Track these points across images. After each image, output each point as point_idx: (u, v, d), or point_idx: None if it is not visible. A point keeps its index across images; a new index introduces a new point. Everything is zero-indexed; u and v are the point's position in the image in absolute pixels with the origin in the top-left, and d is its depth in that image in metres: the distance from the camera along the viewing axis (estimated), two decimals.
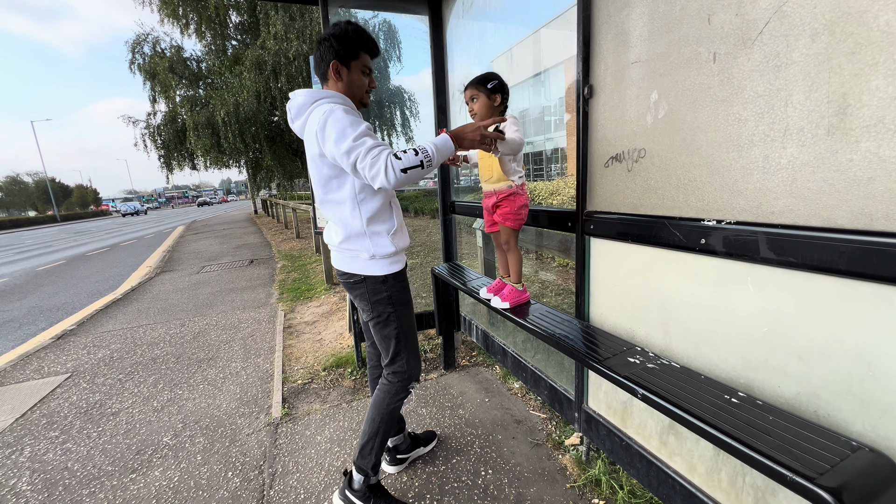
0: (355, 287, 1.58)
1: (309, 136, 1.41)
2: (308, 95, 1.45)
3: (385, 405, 1.63)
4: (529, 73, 15.57)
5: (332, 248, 1.60)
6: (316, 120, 1.36)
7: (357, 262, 1.53)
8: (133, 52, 13.88)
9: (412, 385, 1.66)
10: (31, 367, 3.42)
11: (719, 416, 0.96)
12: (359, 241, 1.50)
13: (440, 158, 1.34)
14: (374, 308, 1.57)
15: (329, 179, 1.44)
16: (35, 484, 1.99)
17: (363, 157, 1.28)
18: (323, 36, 1.48)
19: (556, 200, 5.35)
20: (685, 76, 1.14)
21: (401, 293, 1.60)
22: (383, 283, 1.55)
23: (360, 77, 1.52)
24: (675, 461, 1.35)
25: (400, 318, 1.61)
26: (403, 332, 1.63)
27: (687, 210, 1.19)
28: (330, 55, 1.46)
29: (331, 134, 1.32)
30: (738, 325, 1.09)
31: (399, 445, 1.93)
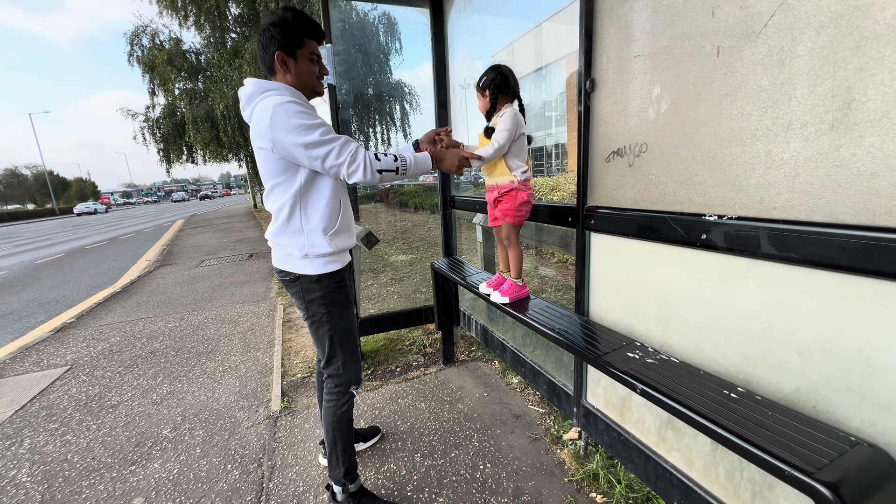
0: (290, 285, 1.53)
1: (258, 129, 1.35)
2: (256, 85, 1.40)
3: (333, 414, 1.59)
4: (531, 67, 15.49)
5: (269, 242, 1.54)
6: (264, 113, 1.31)
7: (290, 260, 1.48)
8: (131, 45, 13.80)
9: (353, 388, 1.62)
10: (30, 360, 3.42)
11: (718, 410, 0.96)
12: (293, 238, 1.45)
13: (415, 171, 1.45)
14: (308, 308, 1.53)
15: (277, 173, 1.40)
16: (35, 475, 1.99)
17: (339, 152, 1.33)
18: (262, 27, 1.40)
19: (557, 196, 5.33)
20: (688, 70, 1.13)
21: (335, 293, 1.54)
22: (317, 282, 1.49)
23: (309, 65, 1.45)
24: (673, 456, 1.36)
25: (333, 319, 1.54)
26: (338, 334, 1.57)
27: (688, 205, 1.18)
28: (273, 46, 1.39)
29: (287, 128, 1.29)
30: (739, 321, 1.09)
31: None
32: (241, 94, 1.44)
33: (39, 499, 1.84)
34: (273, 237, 1.50)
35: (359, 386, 1.65)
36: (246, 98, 1.42)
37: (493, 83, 1.64)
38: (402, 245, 7.45)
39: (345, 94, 2.74)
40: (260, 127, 1.33)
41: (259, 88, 1.39)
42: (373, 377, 2.73)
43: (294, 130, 1.29)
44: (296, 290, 1.53)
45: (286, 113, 1.29)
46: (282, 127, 1.29)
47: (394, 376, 2.73)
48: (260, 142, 1.36)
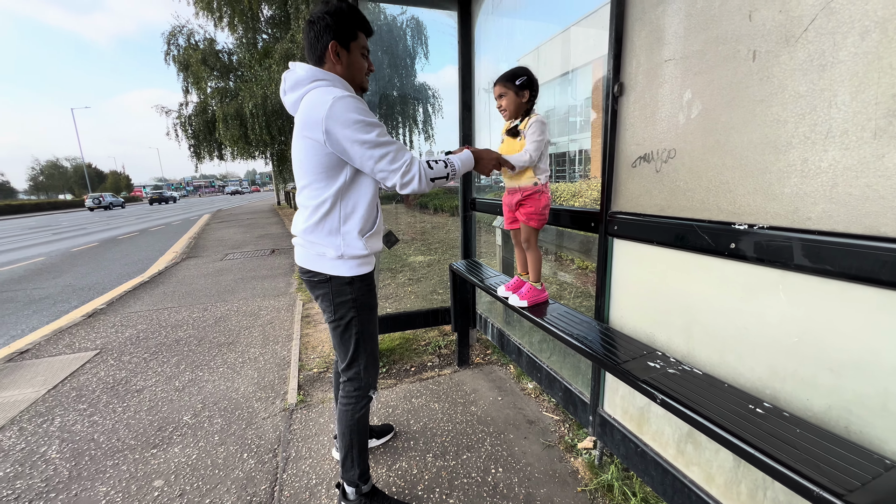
0: (318, 286, 1.48)
1: (310, 118, 1.29)
2: (309, 71, 1.34)
3: (350, 417, 1.56)
4: (557, 72, 15.39)
5: (296, 240, 1.49)
6: (319, 103, 1.27)
7: (323, 261, 1.43)
8: (168, 44, 14.33)
9: (371, 392, 1.60)
10: (63, 343, 3.58)
11: (742, 425, 0.93)
12: (328, 238, 1.41)
13: (461, 172, 1.46)
14: (337, 310, 1.48)
15: (321, 168, 1.34)
16: (63, 453, 2.08)
17: (395, 157, 1.30)
18: (316, 15, 1.35)
19: (579, 202, 5.27)
20: (721, 75, 1.11)
21: (366, 296, 1.51)
22: (349, 284, 1.46)
23: (360, 59, 1.42)
24: (692, 471, 1.32)
25: (362, 322, 1.52)
26: (364, 338, 1.54)
27: (717, 213, 1.15)
28: (327, 35, 1.34)
29: (346, 123, 1.25)
30: (767, 334, 1.05)
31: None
32: (287, 77, 1.37)
33: (67, 475, 1.92)
34: (304, 234, 1.44)
35: (376, 390, 1.64)
36: (294, 82, 1.35)
37: (532, 84, 1.63)
38: (420, 246, 7.49)
39: (371, 96, 2.78)
40: (313, 116, 1.28)
41: (311, 75, 1.34)
42: (387, 375, 2.75)
43: (353, 126, 1.26)
44: (324, 292, 1.47)
45: (346, 107, 1.26)
46: (340, 121, 1.25)
47: (408, 375, 2.74)
48: (310, 132, 1.30)
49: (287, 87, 1.38)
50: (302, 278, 1.54)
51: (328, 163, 1.34)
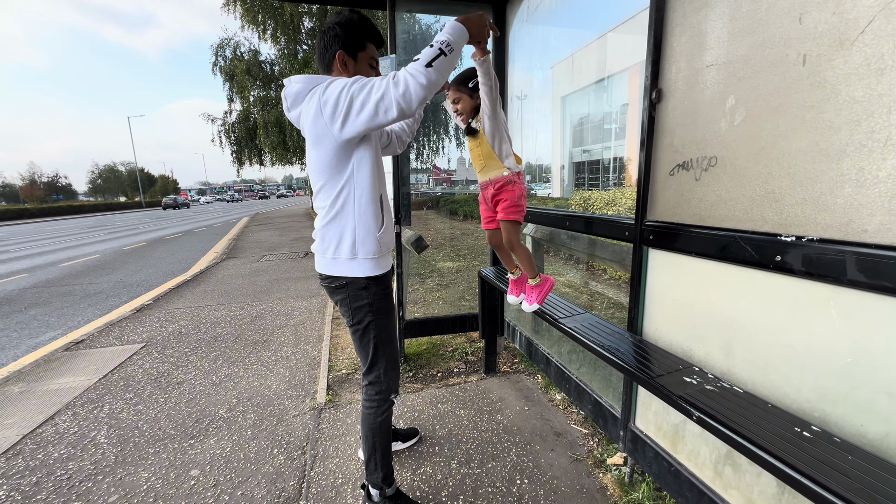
0: (336, 292, 1.50)
1: (310, 118, 1.29)
2: (306, 81, 1.32)
3: (373, 420, 1.58)
4: (592, 78, 15.13)
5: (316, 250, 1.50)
6: (315, 97, 1.27)
7: (337, 263, 1.45)
8: (216, 55, 15.16)
9: (393, 396, 1.61)
10: (113, 335, 3.82)
11: (787, 449, 0.88)
12: (342, 236, 1.42)
13: (458, 41, 1.21)
14: (355, 315, 1.50)
15: (329, 166, 1.35)
16: (111, 438, 2.22)
17: (380, 85, 1.18)
18: (328, 25, 1.39)
19: (612, 211, 5.14)
20: (768, 80, 1.06)
21: (382, 300, 1.52)
22: (365, 288, 1.47)
23: (367, 69, 1.44)
24: (730, 494, 1.25)
25: (379, 326, 1.53)
26: (382, 342, 1.55)
27: (761, 224, 1.10)
28: (336, 45, 1.37)
29: (333, 90, 1.23)
30: (816, 353, 0.99)
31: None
32: (285, 94, 1.36)
33: (113, 459, 2.04)
34: (320, 237, 1.46)
35: (398, 394, 1.65)
36: (294, 96, 1.34)
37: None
38: (449, 252, 7.51)
39: None
40: (312, 110, 1.28)
41: (310, 83, 1.32)
42: (414, 380, 2.77)
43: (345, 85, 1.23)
44: (342, 297, 1.49)
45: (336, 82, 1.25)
46: (333, 90, 1.24)
47: (434, 381, 2.75)
48: (317, 129, 1.29)
49: (288, 104, 1.37)
50: (322, 285, 1.55)
51: (335, 158, 1.34)
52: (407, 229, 2.88)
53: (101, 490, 1.83)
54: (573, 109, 17.22)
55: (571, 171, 18.77)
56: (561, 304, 1.95)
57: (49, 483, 1.88)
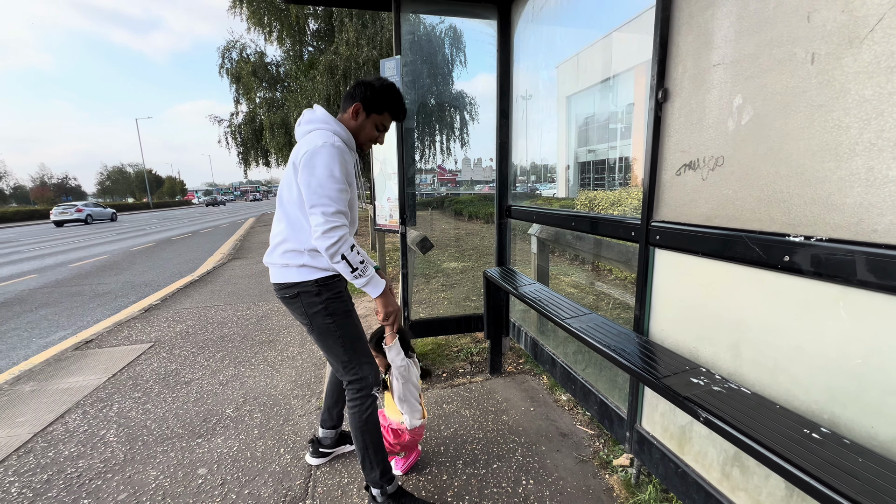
0: (291, 302, 1.57)
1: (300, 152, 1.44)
2: (324, 115, 1.53)
3: (359, 419, 1.60)
4: (597, 78, 15.09)
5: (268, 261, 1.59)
6: (316, 140, 1.43)
7: (289, 270, 1.53)
8: (223, 58, 15.23)
9: (375, 390, 1.63)
10: (122, 335, 3.86)
11: (796, 450, 0.87)
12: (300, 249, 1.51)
13: (366, 283, 1.46)
14: (313, 320, 1.56)
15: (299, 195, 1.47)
16: (120, 437, 2.24)
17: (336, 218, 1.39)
18: (367, 80, 1.59)
19: (618, 211, 5.12)
20: (776, 79, 1.05)
21: (336, 303, 1.58)
22: (317, 295, 1.54)
23: (372, 129, 1.62)
24: (738, 496, 1.24)
25: (340, 326, 1.58)
26: (350, 340, 1.60)
27: (769, 224, 1.09)
28: (359, 96, 1.56)
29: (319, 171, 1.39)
30: (825, 354, 0.98)
31: (324, 439, 1.95)
32: (306, 113, 1.56)
33: (122, 457, 2.06)
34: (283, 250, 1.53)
35: (380, 387, 1.67)
36: (309, 118, 1.54)
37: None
38: (454, 252, 7.51)
39: (410, 104, 2.84)
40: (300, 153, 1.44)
41: (324, 118, 1.53)
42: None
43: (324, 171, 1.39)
44: (296, 306, 1.57)
45: (324, 157, 1.40)
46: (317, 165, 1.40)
47: (439, 381, 2.75)
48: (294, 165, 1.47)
49: (303, 120, 1.55)
50: (278, 297, 1.61)
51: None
52: (412, 230, 2.89)
53: (110, 488, 1.85)
54: (578, 109, 17.17)
55: (577, 171, 18.71)
56: (566, 304, 1.95)
57: (60, 481, 1.91)
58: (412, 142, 3.03)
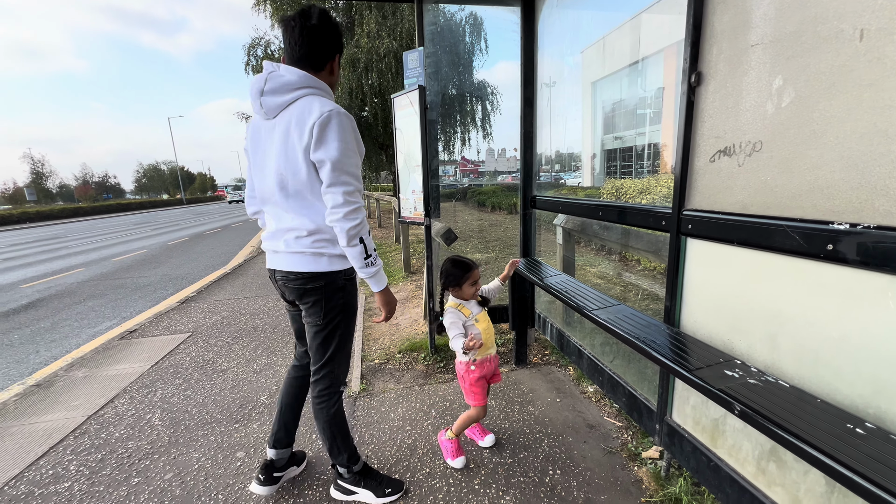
0: (310, 293, 1.47)
1: (296, 123, 1.32)
2: (301, 76, 1.34)
3: (327, 413, 1.60)
4: (624, 62, 14.58)
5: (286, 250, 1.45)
6: (312, 112, 1.30)
7: (321, 259, 1.44)
8: (248, 55, 15.56)
9: (342, 387, 1.64)
10: (162, 325, 4.07)
11: (839, 445, 0.84)
12: (327, 242, 1.43)
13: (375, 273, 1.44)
14: (327, 315, 1.50)
15: (313, 177, 1.37)
16: (164, 421, 2.38)
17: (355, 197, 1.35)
18: (323, 23, 1.36)
19: (646, 200, 4.97)
20: (820, 58, 1.00)
21: (353, 298, 1.55)
22: (341, 289, 1.50)
23: (339, 73, 1.50)
24: (774, 492, 1.21)
25: (347, 325, 1.56)
26: (345, 340, 1.58)
27: (811, 211, 1.04)
28: (335, 48, 1.40)
29: (335, 145, 1.30)
30: (872, 347, 0.94)
31: (279, 460, 1.77)
32: (271, 77, 1.34)
33: (167, 440, 2.19)
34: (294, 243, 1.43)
35: (346, 385, 1.69)
36: (279, 84, 1.33)
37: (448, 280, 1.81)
38: (478, 244, 7.50)
39: (433, 96, 2.84)
40: (309, 122, 1.30)
41: (302, 81, 1.34)
42: (445, 370, 2.81)
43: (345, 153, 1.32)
44: (316, 298, 1.48)
45: (344, 130, 1.32)
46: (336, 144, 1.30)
47: None
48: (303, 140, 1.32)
49: (268, 87, 1.34)
50: (286, 286, 1.50)
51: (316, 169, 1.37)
52: (436, 221, 2.90)
53: (157, 468, 1.97)
54: (604, 95, 16.67)
55: (603, 160, 18.23)
56: (594, 295, 1.93)
57: (112, 460, 2.05)
58: (435, 134, 3.03)
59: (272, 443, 1.77)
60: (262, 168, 1.45)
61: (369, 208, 14.31)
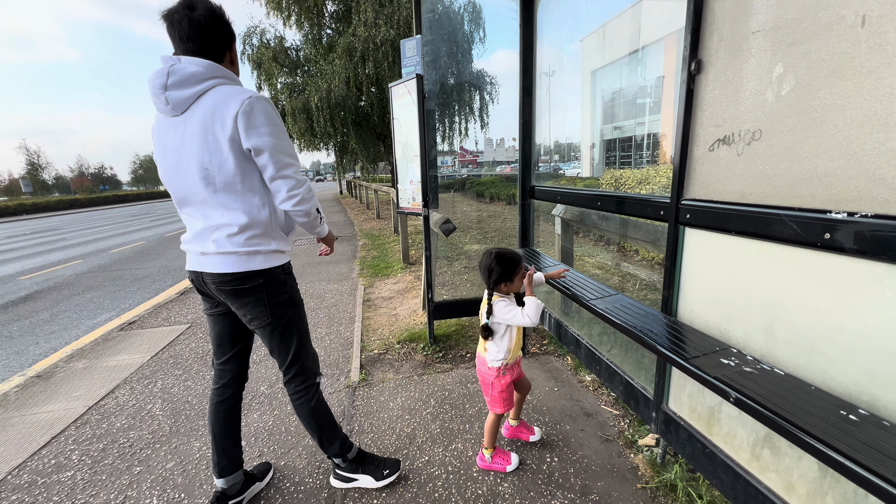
0: (249, 294, 1.40)
1: (214, 115, 1.24)
2: (207, 66, 1.26)
3: (308, 407, 1.59)
4: (624, 50, 14.43)
5: (216, 251, 1.35)
6: (231, 102, 1.24)
7: (256, 258, 1.38)
8: (244, 44, 15.35)
9: (318, 379, 1.63)
10: (161, 317, 4.08)
11: (832, 432, 0.85)
12: (263, 239, 1.39)
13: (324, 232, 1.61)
14: (274, 312, 1.45)
15: (242, 167, 1.30)
16: (165, 411, 2.39)
17: (300, 175, 1.36)
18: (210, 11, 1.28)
19: (646, 190, 4.96)
20: (821, 45, 0.99)
21: (296, 292, 1.53)
22: (283, 284, 1.46)
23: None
24: (768, 477, 1.23)
25: (302, 317, 1.54)
26: (305, 332, 1.56)
27: (809, 200, 1.04)
28: (230, 36, 1.34)
29: (267, 129, 1.27)
30: (866, 335, 0.94)
31: (231, 488, 1.63)
32: (175, 70, 1.24)
33: (168, 430, 2.20)
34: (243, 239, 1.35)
35: (321, 374, 1.67)
36: (184, 76, 1.24)
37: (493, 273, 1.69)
38: (476, 234, 7.49)
39: (431, 84, 2.81)
40: (230, 112, 1.24)
41: (210, 71, 1.27)
42: (444, 360, 2.82)
43: (279, 136, 1.30)
44: (256, 297, 1.41)
45: (269, 114, 1.28)
46: (266, 128, 1.27)
47: (464, 361, 2.80)
48: (225, 131, 1.25)
49: (172, 81, 1.24)
50: (220, 288, 1.40)
51: (248, 160, 1.31)
52: (434, 212, 2.90)
53: (159, 457, 1.99)
54: (604, 84, 16.53)
55: (602, 150, 18.15)
56: (592, 285, 1.93)
57: (114, 449, 2.07)
58: (433, 123, 3.01)
59: (218, 473, 1.61)
60: (177, 167, 1.33)
61: (367, 199, 14.27)
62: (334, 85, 12.72)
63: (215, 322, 1.56)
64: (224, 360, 1.61)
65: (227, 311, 1.52)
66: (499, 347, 1.69)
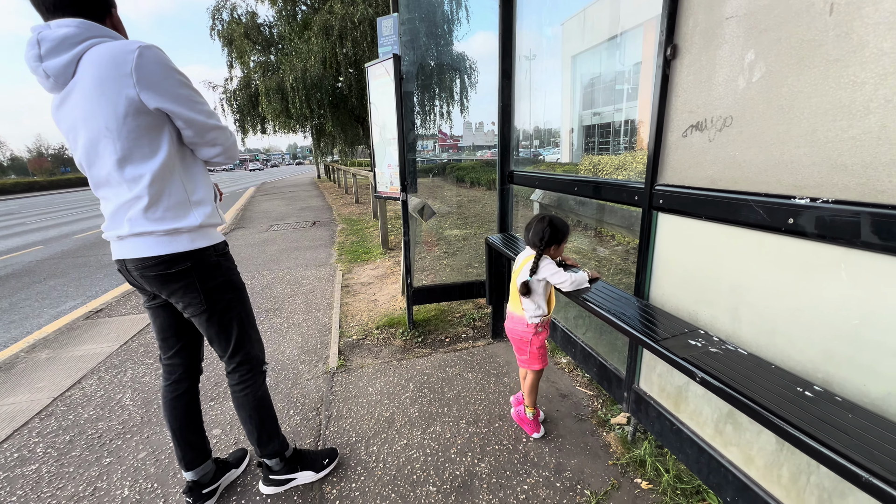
0: (177, 278, 1.27)
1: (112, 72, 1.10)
2: (83, 26, 1.11)
3: (253, 398, 1.51)
4: (604, 35, 14.43)
5: (131, 232, 1.22)
6: (122, 54, 1.10)
7: (179, 238, 1.25)
8: (213, 19, 14.63)
9: (265, 367, 1.57)
10: (130, 304, 3.94)
11: (788, 407, 0.89)
12: (182, 212, 1.24)
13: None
14: (209, 297, 1.33)
15: (141, 133, 1.15)
16: (136, 400, 2.33)
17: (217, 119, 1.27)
18: None
19: (622, 176, 5.04)
20: (791, 32, 1.00)
21: (234, 275, 1.42)
22: (217, 266, 1.34)
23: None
24: (730, 451, 1.29)
25: (243, 301, 1.45)
26: (248, 317, 1.47)
27: (776, 186, 1.07)
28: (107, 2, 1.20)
29: (167, 74, 1.14)
30: (823, 316, 0.99)
31: (203, 478, 1.58)
32: (45, 37, 1.09)
33: (139, 420, 2.15)
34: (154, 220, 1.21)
35: (267, 363, 1.60)
36: (58, 41, 1.09)
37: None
38: (456, 220, 7.49)
39: (409, 66, 2.74)
40: (118, 70, 1.10)
41: (86, 31, 1.12)
42: (423, 345, 2.84)
43: (187, 84, 1.19)
44: (187, 282, 1.29)
45: (159, 57, 1.13)
46: (160, 72, 1.13)
47: (443, 346, 2.82)
48: (116, 88, 1.10)
49: (45, 50, 1.10)
50: (143, 275, 1.27)
51: (149, 124, 1.16)
52: (413, 197, 2.86)
53: (130, 447, 1.95)
54: (584, 69, 16.55)
55: (581, 135, 18.28)
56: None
57: (82, 441, 2.00)
58: (412, 106, 2.95)
59: (185, 466, 1.56)
60: (78, 145, 1.20)
61: (345, 183, 14.02)
62: (310, 64, 12.29)
63: (156, 315, 1.45)
64: (171, 354, 1.51)
65: (167, 301, 1.40)
66: (537, 304, 1.75)
